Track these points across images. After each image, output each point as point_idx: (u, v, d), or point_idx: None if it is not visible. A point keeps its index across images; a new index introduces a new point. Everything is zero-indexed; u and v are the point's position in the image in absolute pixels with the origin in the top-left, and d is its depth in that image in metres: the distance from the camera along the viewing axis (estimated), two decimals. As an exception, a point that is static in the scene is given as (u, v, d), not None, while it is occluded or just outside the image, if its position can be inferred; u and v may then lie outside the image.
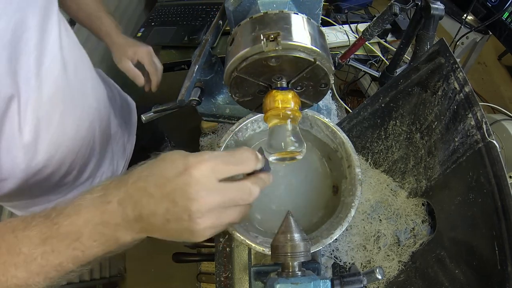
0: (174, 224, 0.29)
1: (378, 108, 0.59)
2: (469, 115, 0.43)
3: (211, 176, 0.29)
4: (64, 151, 0.53)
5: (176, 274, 1.55)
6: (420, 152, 0.54)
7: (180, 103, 0.49)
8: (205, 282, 0.92)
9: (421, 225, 0.53)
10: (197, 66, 0.50)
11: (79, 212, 0.30)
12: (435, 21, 0.61)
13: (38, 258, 0.30)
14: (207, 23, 1.04)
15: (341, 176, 0.54)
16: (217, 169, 0.30)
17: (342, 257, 0.56)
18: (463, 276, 0.42)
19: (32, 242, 0.30)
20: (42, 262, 0.30)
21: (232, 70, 0.37)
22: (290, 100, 0.36)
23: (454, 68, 0.47)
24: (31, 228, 0.30)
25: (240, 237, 0.44)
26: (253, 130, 0.56)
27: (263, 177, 0.33)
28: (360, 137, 0.63)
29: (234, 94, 0.41)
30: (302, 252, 0.33)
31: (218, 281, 0.59)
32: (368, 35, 0.72)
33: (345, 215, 0.46)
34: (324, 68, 0.36)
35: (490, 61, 1.08)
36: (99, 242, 0.30)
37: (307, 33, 0.36)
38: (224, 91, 0.67)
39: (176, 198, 0.29)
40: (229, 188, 0.30)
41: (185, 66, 1.01)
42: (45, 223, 0.30)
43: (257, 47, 0.34)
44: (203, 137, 0.82)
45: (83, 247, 0.30)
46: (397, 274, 0.52)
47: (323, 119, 0.53)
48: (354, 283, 0.32)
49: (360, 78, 1.05)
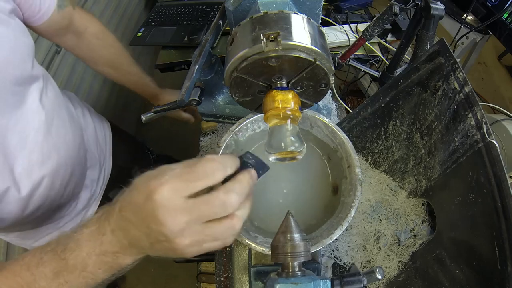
0: (158, 245, 0.31)
1: (378, 108, 0.59)
2: (469, 115, 0.43)
3: (174, 197, 0.29)
4: (52, 197, 0.58)
5: (176, 274, 1.55)
6: (420, 152, 0.54)
7: (180, 103, 0.49)
8: (205, 282, 0.92)
9: (421, 225, 0.53)
10: (197, 66, 0.50)
11: (81, 246, 0.33)
12: (435, 21, 0.61)
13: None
14: (207, 23, 1.04)
15: (341, 176, 0.54)
16: (178, 188, 0.29)
17: (342, 257, 0.56)
18: (463, 276, 0.42)
19: (47, 277, 0.33)
20: None
21: (232, 70, 0.37)
22: (290, 100, 0.36)
23: (454, 68, 0.47)
24: (43, 264, 0.34)
25: (240, 237, 0.44)
26: (253, 130, 0.56)
27: (241, 179, 0.31)
28: (360, 137, 0.63)
29: (234, 94, 0.41)
30: (302, 252, 0.33)
31: (218, 281, 0.59)
32: (368, 35, 0.72)
33: (345, 215, 0.46)
34: (324, 68, 0.36)
35: (490, 61, 1.08)
36: (103, 269, 0.33)
37: (307, 33, 0.36)
38: (224, 91, 0.67)
39: (150, 224, 0.29)
40: (196, 204, 0.29)
41: (185, 66, 1.01)
42: (54, 258, 0.34)
43: (257, 47, 0.34)
44: (203, 137, 0.82)
45: (91, 275, 0.33)
46: (397, 274, 0.52)
47: (323, 119, 0.53)
48: (354, 283, 0.32)
49: (360, 78, 1.05)
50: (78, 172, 0.65)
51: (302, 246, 0.33)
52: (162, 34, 1.06)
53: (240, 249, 0.61)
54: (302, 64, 0.35)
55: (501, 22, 0.79)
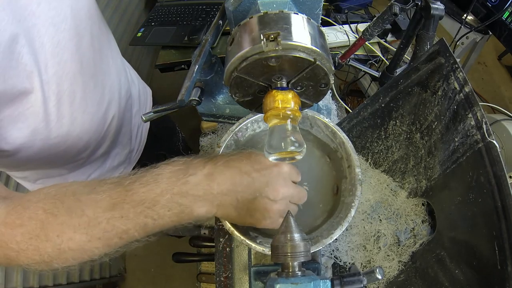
0: (258, 201, 0.37)
1: (378, 108, 0.59)
2: (469, 115, 0.43)
3: (290, 175, 0.41)
4: (83, 128, 0.53)
5: (176, 274, 1.55)
6: (420, 152, 0.54)
7: (180, 103, 0.49)
8: (205, 282, 0.92)
9: (421, 225, 0.53)
10: (197, 66, 0.50)
11: (158, 181, 0.31)
12: (435, 21, 0.61)
13: (104, 223, 0.30)
14: (207, 23, 1.04)
15: (341, 176, 0.54)
16: (292, 173, 0.41)
17: (342, 257, 0.56)
18: (463, 276, 0.42)
19: (99, 205, 0.30)
20: (107, 227, 0.30)
21: (232, 70, 0.37)
22: (290, 100, 0.36)
23: (454, 68, 0.47)
24: (98, 192, 0.30)
25: (240, 237, 0.44)
26: (253, 130, 0.56)
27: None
28: (360, 137, 0.63)
29: (234, 94, 0.41)
30: (302, 252, 0.33)
31: (218, 281, 0.59)
32: (368, 35, 0.72)
33: (345, 215, 0.46)
34: (324, 68, 0.36)
35: (490, 61, 1.08)
36: (172, 212, 0.31)
37: (307, 33, 0.36)
38: (224, 91, 0.67)
39: (270, 180, 0.37)
40: (296, 188, 0.42)
41: (185, 66, 1.01)
42: (116, 189, 0.30)
43: (257, 47, 0.34)
44: (203, 137, 0.82)
45: (156, 215, 0.31)
46: (397, 274, 0.52)
47: (323, 119, 0.53)
48: (354, 283, 0.32)
49: (360, 78, 1.05)
50: (117, 115, 0.61)
51: (302, 246, 0.33)
52: (162, 34, 1.06)
53: (240, 249, 0.61)
54: (302, 64, 0.35)
55: (501, 22, 0.79)
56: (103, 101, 0.57)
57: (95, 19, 0.55)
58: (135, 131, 0.74)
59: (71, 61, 0.48)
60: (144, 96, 0.78)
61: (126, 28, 1.57)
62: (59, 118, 0.47)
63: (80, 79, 0.50)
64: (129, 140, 0.71)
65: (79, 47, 0.50)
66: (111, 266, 1.55)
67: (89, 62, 0.52)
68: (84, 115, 0.53)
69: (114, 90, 0.60)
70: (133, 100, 0.71)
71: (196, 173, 0.32)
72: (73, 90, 0.49)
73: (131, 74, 0.74)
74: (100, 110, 0.57)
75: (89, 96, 0.53)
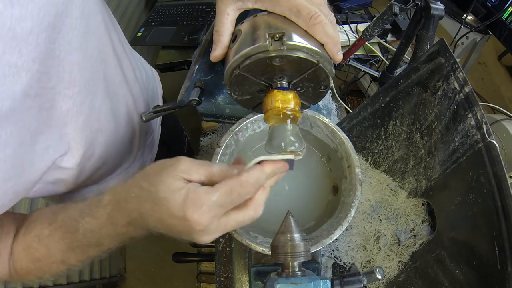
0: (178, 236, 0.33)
1: (378, 108, 0.59)
2: (469, 115, 0.43)
3: (214, 222, 0.30)
4: (107, 149, 0.52)
5: (176, 274, 1.55)
6: (420, 152, 0.54)
7: (180, 103, 0.49)
8: (205, 282, 0.92)
9: (421, 225, 0.53)
10: (197, 66, 0.50)
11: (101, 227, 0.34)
12: (435, 21, 0.61)
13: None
14: (207, 23, 1.04)
15: (341, 176, 0.54)
16: (217, 215, 0.30)
17: (342, 257, 0.56)
18: (463, 276, 0.42)
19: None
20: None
21: (234, 68, 0.37)
22: (290, 100, 0.36)
23: (454, 68, 0.47)
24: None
25: (240, 237, 0.44)
26: (253, 130, 0.56)
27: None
28: (360, 137, 0.63)
29: (233, 92, 0.41)
30: (302, 252, 0.33)
31: (218, 281, 0.59)
32: (368, 35, 0.72)
33: (345, 215, 0.46)
34: (326, 70, 0.36)
35: (490, 61, 1.09)
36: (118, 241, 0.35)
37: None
38: (224, 91, 0.67)
39: (182, 235, 0.32)
40: (228, 221, 0.33)
41: (185, 66, 1.01)
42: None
43: (262, 46, 0.34)
44: (203, 137, 0.82)
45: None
46: (397, 274, 0.52)
47: (323, 119, 0.53)
48: (354, 283, 0.32)
49: (360, 78, 1.05)
50: (137, 126, 0.61)
51: (302, 246, 0.33)
52: (162, 34, 1.06)
53: (240, 249, 0.61)
54: (305, 65, 0.35)
55: (501, 22, 0.79)
56: (121, 115, 0.56)
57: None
58: (151, 140, 0.71)
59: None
60: (153, 94, 0.73)
61: (126, 28, 1.57)
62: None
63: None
64: (142, 153, 0.69)
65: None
66: (111, 266, 1.55)
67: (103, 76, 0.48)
68: (111, 138, 0.52)
69: (128, 98, 0.58)
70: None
71: (119, 223, 0.33)
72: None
73: (138, 66, 0.66)
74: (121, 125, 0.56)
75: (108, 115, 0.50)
